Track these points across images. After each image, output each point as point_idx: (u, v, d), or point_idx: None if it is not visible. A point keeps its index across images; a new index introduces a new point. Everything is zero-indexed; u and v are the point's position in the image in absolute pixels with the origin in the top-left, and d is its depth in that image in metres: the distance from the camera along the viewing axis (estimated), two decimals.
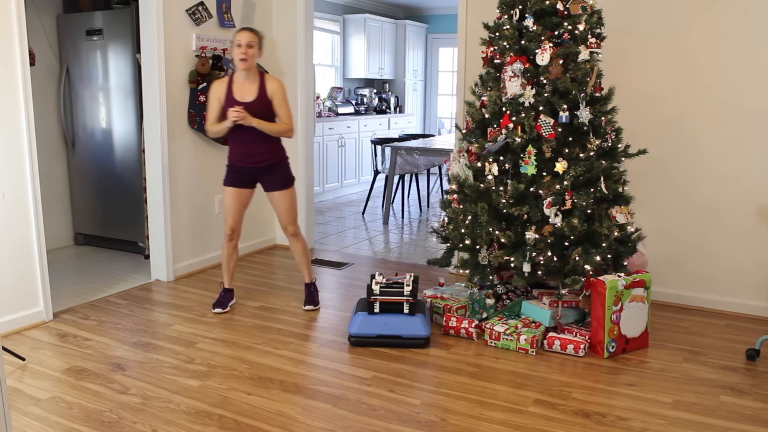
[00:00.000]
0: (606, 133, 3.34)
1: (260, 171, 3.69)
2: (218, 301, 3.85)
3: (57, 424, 2.53)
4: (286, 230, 3.79)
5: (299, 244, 3.84)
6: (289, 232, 3.79)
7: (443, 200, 3.69)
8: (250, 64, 3.51)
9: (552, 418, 2.62)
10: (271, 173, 3.70)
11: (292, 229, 3.78)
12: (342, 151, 8.02)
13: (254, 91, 3.57)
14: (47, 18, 4.98)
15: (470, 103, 3.60)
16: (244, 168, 3.67)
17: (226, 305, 3.85)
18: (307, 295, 3.91)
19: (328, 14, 8.48)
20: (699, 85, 3.78)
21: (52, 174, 5.15)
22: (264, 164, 3.67)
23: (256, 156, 3.63)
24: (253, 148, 3.62)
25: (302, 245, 3.85)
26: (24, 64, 3.38)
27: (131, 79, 4.73)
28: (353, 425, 2.56)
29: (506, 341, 3.29)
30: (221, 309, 3.82)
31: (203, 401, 2.74)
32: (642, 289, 3.25)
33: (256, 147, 3.62)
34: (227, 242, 3.81)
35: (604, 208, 3.34)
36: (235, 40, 3.49)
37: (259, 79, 3.59)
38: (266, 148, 3.64)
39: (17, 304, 3.49)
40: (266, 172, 3.70)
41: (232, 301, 3.93)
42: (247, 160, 3.65)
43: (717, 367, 3.12)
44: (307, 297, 3.90)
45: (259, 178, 3.73)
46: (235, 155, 3.66)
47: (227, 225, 3.77)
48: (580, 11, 3.27)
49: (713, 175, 3.82)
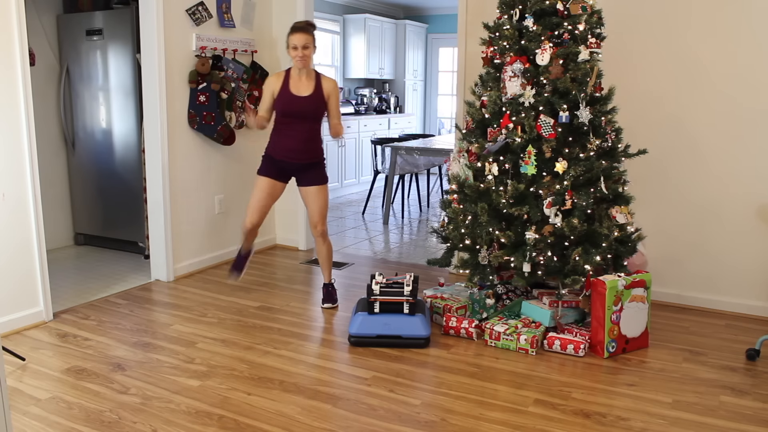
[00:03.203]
0: (606, 133, 3.34)
1: (300, 168, 3.74)
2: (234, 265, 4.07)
3: (57, 424, 2.53)
4: (316, 228, 3.81)
5: (326, 245, 3.88)
6: (318, 231, 3.81)
7: (443, 200, 3.69)
8: (306, 63, 3.58)
9: (552, 418, 2.62)
10: (310, 170, 3.75)
11: (321, 228, 3.81)
12: (342, 151, 8.02)
13: (311, 87, 3.63)
14: (47, 18, 4.98)
15: (470, 103, 3.60)
16: (286, 162, 3.71)
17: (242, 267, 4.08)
18: (326, 294, 3.94)
19: (328, 14, 8.48)
20: (699, 84, 3.78)
21: (52, 174, 5.15)
22: (306, 161, 3.72)
23: (302, 153, 3.68)
24: (301, 145, 3.67)
25: (328, 247, 3.89)
26: (24, 64, 3.38)
27: (131, 79, 4.73)
28: (353, 425, 2.56)
29: (506, 341, 3.29)
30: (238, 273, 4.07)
31: (203, 401, 2.74)
32: (642, 289, 3.25)
33: (303, 144, 3.67)
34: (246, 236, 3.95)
35: (604, 208, 3.34)
36: (290, 43, 3.54)
37: (315, 77, 3.67)
38: (312, 146, 3.71)
39: (17, 304, 3.49)
40: (305, 169, 3.75)
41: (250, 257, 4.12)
42: (291, 156, 3.69)
43: (717, 367, 3.12)
44: (327, 295, 3.94)
45: (296, 174, 3.78)
46: (279, 148, 3.70)
47: (249, 219, 3.82)
48: (580, 11, 3.27)
49: (713, 175, 3.82)
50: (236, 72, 4.63)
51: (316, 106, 3.63)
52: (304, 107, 3.61)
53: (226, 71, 4.57)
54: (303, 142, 3.67)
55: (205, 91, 4.43)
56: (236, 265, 4.04)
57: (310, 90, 3.62)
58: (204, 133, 4.51)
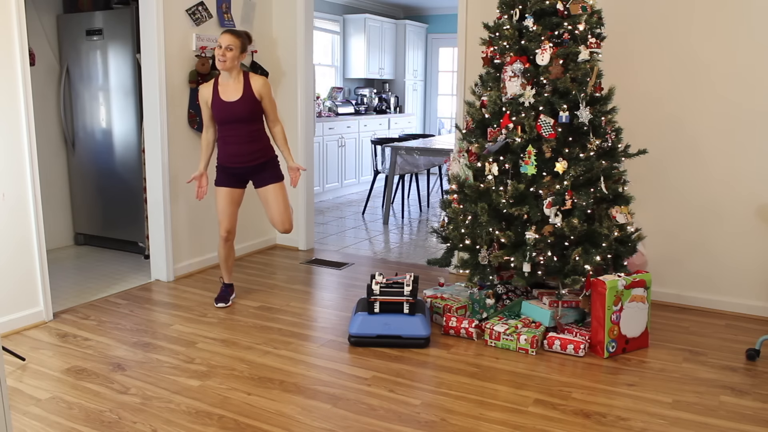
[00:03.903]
0: (606, 133, 3.34)
1: (251, 170, 3.73)
2: (220, 296, 3.90)
3: (57, 424, 2.53)
4: (284, 226, 3.79)
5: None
6: (287, 230, 3.80)
7: (443, 200, 3.69)
8: (228, 65, 3.56)
9: (552, 418, 2.62)
10: (262, 170, 3.75)
11: (290, 227, 3.80)
12: (342, 151, 8.02)
13: (239, 90, 3.61)
14: (47, 18, 4.98)
15: (470, 103, 3.60)
16: (235, 168, 3.71)
17: (228, 299, 3.90)
18: None
19: (328, 14, 8.48)
20: (699, 85, 3.78)
21: (52, 174, 5.16)
22: (254, 163, 3.71)
23: (246, 155, 3.67)
24: (243, 148, 3.66)
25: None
26: (24, 64, 3.38)
27: (131, 79, 4.73)
28: (353, 425, 2.56)
29: (506, 341, 3.29)
30: (224, 303, 3.87)
31: (203, 401, 2.74)
32: (642, 289, 3.25)
33: (245, 146, 3.66)
34: (223, 243, 3.85)
35: (604, 208, 3.34)
36: (217, 42, 3.54)
37: (244, 79, 3.64)
38: (255, 147, 3.69)
39: (17, 304, 3.49)
40: (258, 171, 3.74)
41: (233, 295, 3.97)
42: (237, 160, 3.68)
43: (717, 367, 3.12)
44: None
45: (249, 176, 3.77)
46: (225, 155, 3.70)
47: (223, 227, 3.79)
48: (580, 11, 3.27)
49: (713, 175, 3.82)
50: None
51: (249, 107, 3.61)
52: (236, 111, 3.59)
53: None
54: (246, 145, 3.65)
55: None
56: (221, 296, 3.91)
57: (239, 93, 3.60)
58: None
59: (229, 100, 3.60)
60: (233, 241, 3.88)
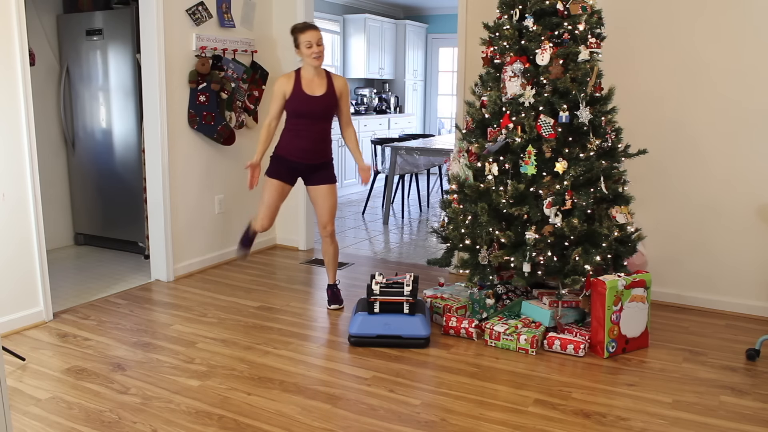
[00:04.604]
0: (606, 133, 3.34)
1: (311, 168, 3.73)
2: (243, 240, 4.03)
3: (57, 424, 2.54)
4: (325, 228, 3.79)
5: (333, 246, 3.85)
6: (328, 231, 3.79)
7: (443, 200, 3.69)
8: (323, 59, 3.58)
9: (552, 418, 2.62)
10: (320, 170, 3.74)
11: (331, 228, 3.79)
12: (342, 151, 8.02)
13: (323, 86, 3.62)
14: (47, 18, 4.98)
15: (470, 103, 3.60)
16: (298, 163, 3.70)
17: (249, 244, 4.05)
18: (332, 295, 3.93)
19: (328, 14, 8.48)
20: (699, 84, 3.78)
21: (52, 174, 5.16)
22: (317, 162, 3.71)
23: (314, 153, 3.68)
24: (314, 145, 3.66)
25: (335, 248, 3.86)
26: (24, 64, 3.38)
27: (131, 79, 4.73)
28: (353, 425, 2.56)
29: (506, 341, 3.29)
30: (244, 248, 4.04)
31: (203, 401, 2.74)
32: (642, 289, 3.25)
33: (316, 144, 3.67)
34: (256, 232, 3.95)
35: (604, 208, 3.34)
36: (303, 40, 3.51)
37: (326, 76, 3.66)
38: (323, 147, 3.71)
39: (17, 304, 3.49)
40: (316, 170, 3.74)
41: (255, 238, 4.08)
42: (304, 156, 3.67)
43: (717, 367, 3.12)
44: (332, 297, 3.92)
45: (306, 174, 3.76)
46: (291, 149, 3.67)
47: (260, 223, 3.81)
48: (580, 11, 3.27)
49: (713, 175, 3.82)
50: (236, 72, 4.64)
51: (330, 105, 3.63)
52: (319, 107, 3.59)
53: (226, 71, 4.57)
54: (316, 143, 3.66)
55: (205, 91, 4.43)
56: (244, 240, 4.01)
57: (323, 89, 3.61)
58: (204, 133, 4.51)
59: (313, 95, 3.59)
60: None
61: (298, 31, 3.53)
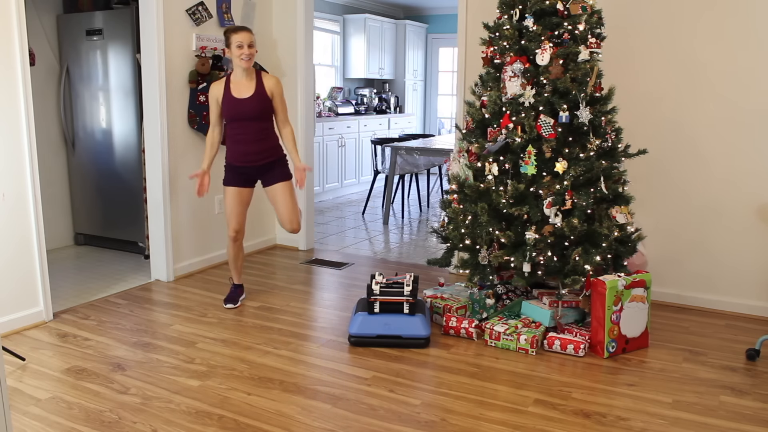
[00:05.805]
0: (606, 133, 3.34)
1: (259, 169, 3.72)
2: (229, 297, 3.90)
3: (57, 424, 2.53)
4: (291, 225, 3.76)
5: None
6: (295, 229, 3.77)
7: (443, 200, 3.69)
8: (252, 61, 3.57)
9: (552, 418, 2.62)
10: (271, 169, 3.74)
11: (297, 226, 3.76)
12: (342, 151, 8.02)
13: (251, 87, 3.61)
14: (47, 18, 4.98)
15: (470, 103, 3.60)
16: (244, 167, 3.69)
17: (237, 300, 3.90)
18: None
19: (328, 14, 8.48)
20: (699, 84, 3.78)
21: (52, 174, 5.15)
22: (263, 162, 3.70)
23: (255, 154, 3.66)
24: (252, 147, 3.65)
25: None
26: (24, 64, 3.38)
27: (131, 79, 4.73)
28: (353, 425, 2.56)
29: (506, 341, 3.29)
30: (232, 304, 3.86)
31: (203, 401, 2.74)
32: (642, 289, 3.25)
33: (254, 146, 3.65)
34: (232, 243, 3.84)
35: (604, 208, 3.34)
36: (234, 41, 3.52)
37: (256, 77, 3.64)
38: (265, 146, 3.68)
39: (17, 304, 3.49)
40: (267, 170, 3.73)
41: (242, 296, 3.97)
42: (246, 159, 3.67)
43: (717, 367, 3.12)
44: None
45: (258, 176, 3.76)
46: (234, 154, 3.68)
47: (231, 227, 3.78)
48: (580, 11, 3.27)
49: (713, 175, 3.82)
50: None
51: (260, 106, 3.61)
52: (247, 108, 3.58)
53: (226, 71, 4.57)
54: (257, 144, 3.65)
55: (205, 91, 4.43)
56: (230, 297, 3.90)
57: (251, 90, 3.60)
58: (204, 133, 4.51)
59: (241, 97, 3.59)
60: (242, 241, 3.87)
61: (231, 31, 3.56)
